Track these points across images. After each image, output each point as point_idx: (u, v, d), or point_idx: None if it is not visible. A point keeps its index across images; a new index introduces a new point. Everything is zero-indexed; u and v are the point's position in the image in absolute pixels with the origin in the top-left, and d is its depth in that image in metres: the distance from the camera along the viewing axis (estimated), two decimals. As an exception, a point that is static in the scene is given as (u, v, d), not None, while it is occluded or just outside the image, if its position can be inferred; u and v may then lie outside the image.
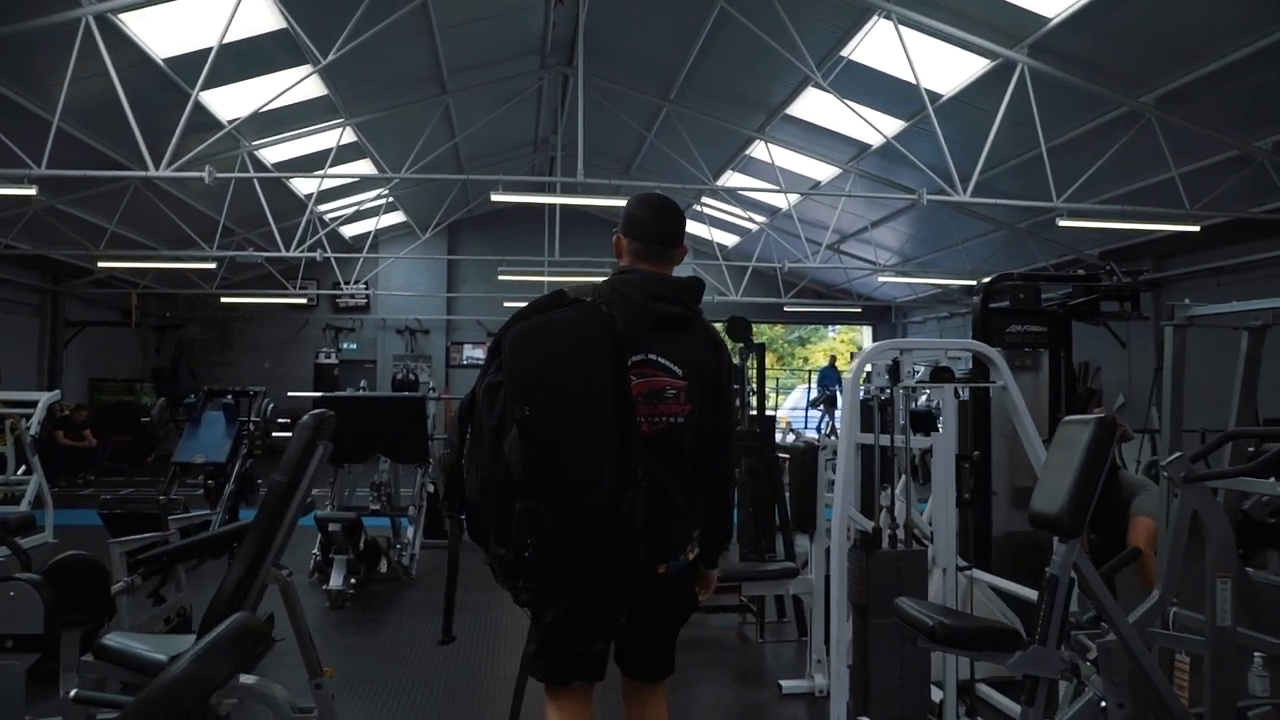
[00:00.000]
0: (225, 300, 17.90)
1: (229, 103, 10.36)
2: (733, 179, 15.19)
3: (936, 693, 3.81)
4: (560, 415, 2.13)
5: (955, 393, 3.78)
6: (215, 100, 10.35)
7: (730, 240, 19.67)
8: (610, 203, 12.46)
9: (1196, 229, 9.95)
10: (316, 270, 18.09)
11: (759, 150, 13.49)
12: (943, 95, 9.81)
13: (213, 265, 15.29)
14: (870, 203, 14.67)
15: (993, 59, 8.96)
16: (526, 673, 2.32)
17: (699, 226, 18.59)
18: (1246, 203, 9.90)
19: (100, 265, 14.18)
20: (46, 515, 8.61)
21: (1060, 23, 8.07)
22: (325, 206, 16.00)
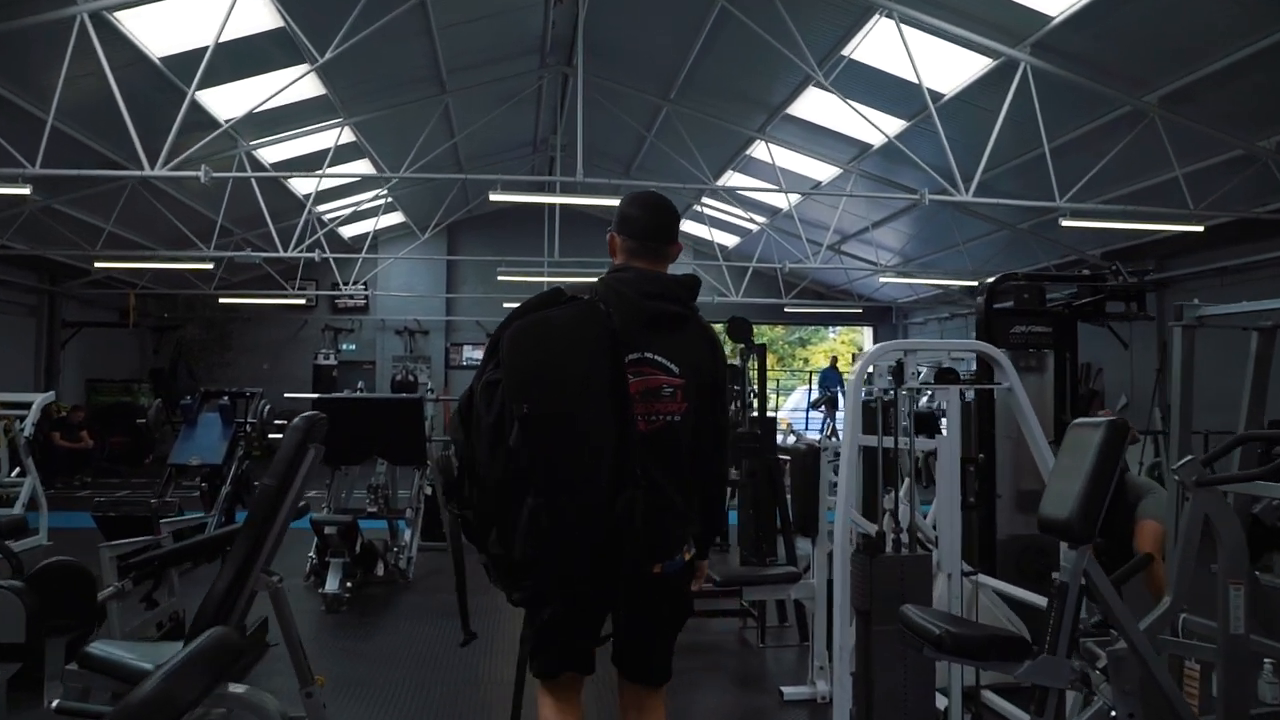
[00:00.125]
0: (223, 301, 17.83)
1: (226, 102, 10.30)
2: (733, 179, 15.12)
3: (941, 700, 3.75)
4: (557, 413, 2.12)
5: (960, 395, 3.71)
6: (212, 99, 10.28)
7: (730, 241, 19.60)
8: (610, 203, 12.37)
9: (1200, 229, 9.88)
10: (315, 271, 18.02)
11: (759, 150, 13.43)
12: (944, 95, 9.74)
13: (210, 266, 15.23)
14: (871, 203, 14.61)
15: (995, 58, 8.89)
16: (523, 674, 2.32)
17: (699, 227, 18.52)
18: (1250, 203, 9.84)
19: (97, 265, 14.11)
20: (41, 518, 8.54)
21: (1063, 21, 8.00)
22: (324, 207, 15.94)
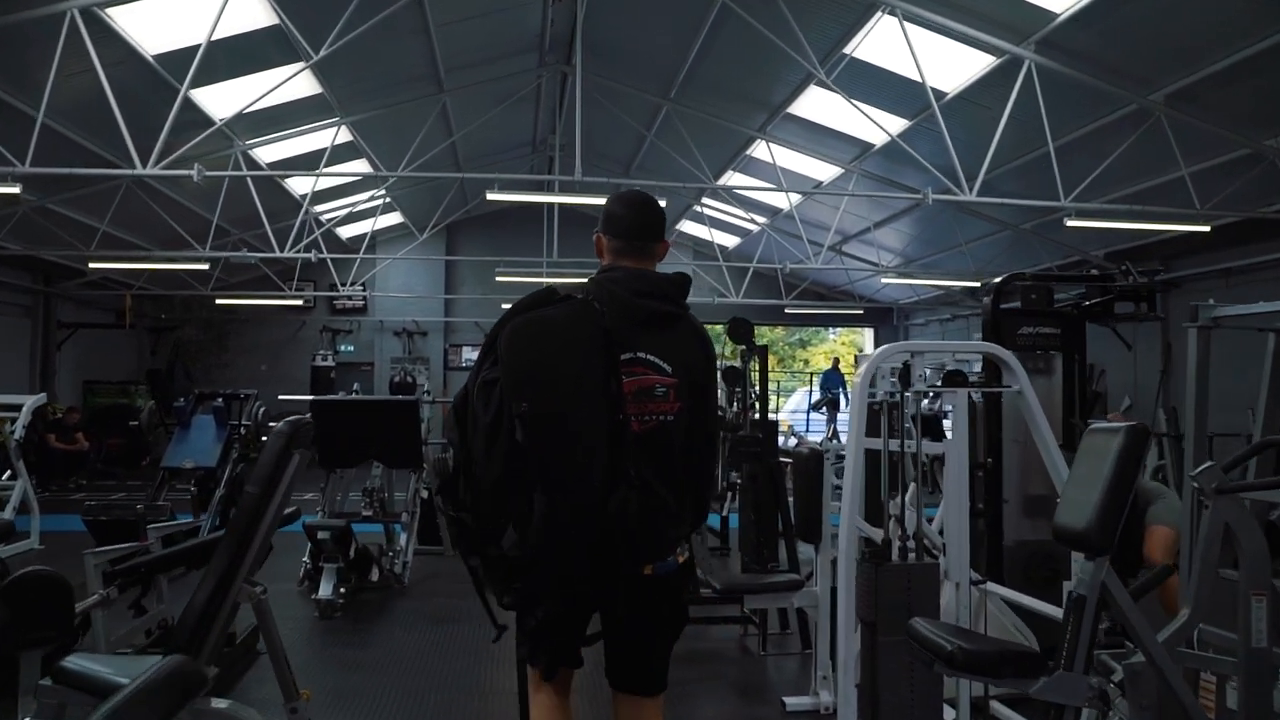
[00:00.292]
0: (221, 302, 17.73)
1: (222, 101, 10.19)
2: (733, 179, 15.02)
3: (949, 712, 3.64)
4: (552, 412, 2.12)
5: (969, 397, 3.61)
6: (208, 98, 10.17)
7: (731, 241, 19.50)
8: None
9: (1207, 229, 9.78)
10: (313, 272, 17.90)
11: (760, 150, 13.32)
12: (947, 93, 9.63)
13: (206, 266, 15.12)
14: (873, 203, 14.51)
15: (999, 55, 8.78)
16: (525, 683, 2.28)
17: (699, 227, 18.43)
18: (1257, 202, 9.73)
19: (92, 266, 14.00)
20: (32, 521, 8.44)
21: (1068, 18, 7.89)
22: (321, 207, 15.83)
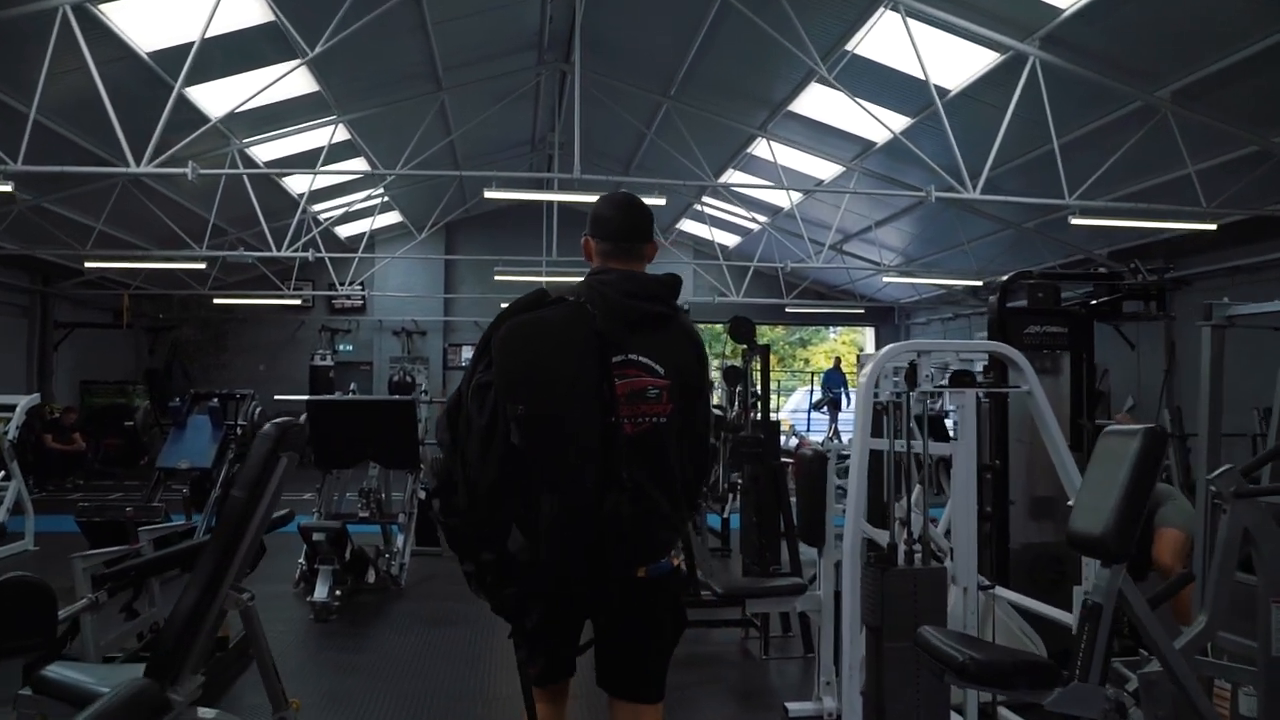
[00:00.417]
0: (218, 301, 17.64)
1: (218, 99, 10.09)
2: (734, 178, 14.93)
3: (956, 718, 3.56)
4: (546, 414, 2.11)
5: (977, 398, 3.52)
6: (204, 96, 10.08)
7: (731, 240, 19.41)
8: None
9: (1213, 227, 9.67)
10: (312, 271, 17.80)
11: (761, 148, 13.23)
12: (950, 90, 9.54)
13: (203, 266, 15.02)
14: (874, 202, 14.42)
15: (1003, 52, 8.69)
16: (529, 683, 2.27)
17: (700, 226, 18.34)
18: (1264, 200, 9.63)
19: (88, 265, 13.91)
20: (27, 522, 8.36)
21: (1073, 14, 7.78)
22: (319, 206, 15.74)
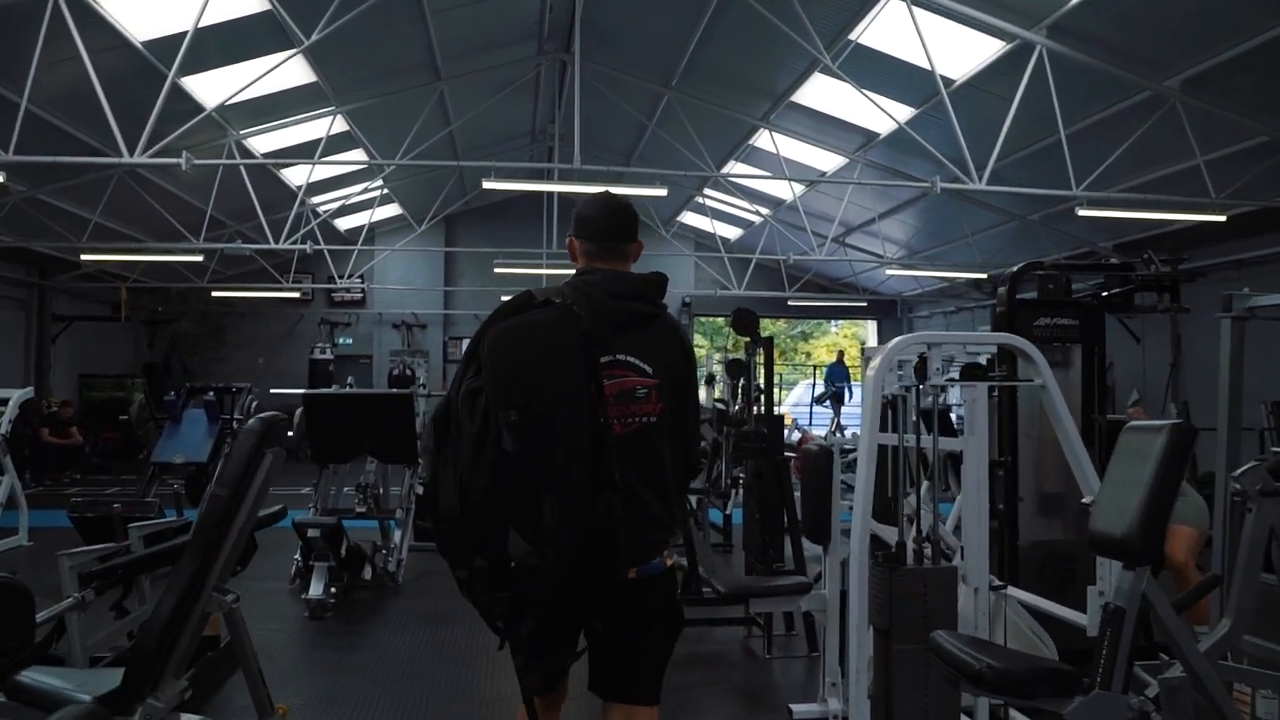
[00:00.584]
0: (216, 294, 17.56)
1: (215, 89, 9.96)
2: (736, 170, 14.79)
3: (966, 723, 3.46)
4: (538, 418, 2.10)
5: (989, 392, 3.41)
6: (201, 86, 9.96)
7: (733, 233, 19.28)
8: (611, 190, 12.02)
9: (1222, 218, 9.54)
10: (311, 264, 17.69)
11: (763, 140, 13.10)
12: (955, 80, 9.41)
13: (200, 258, 14.90)
14: (877, 194, 14.29)
15: (1009, 41, 8.56)
16: (529, 691, 2.27)
17: (701, 219, 18.21)
18: (1274, 191, 9.49)
19: (84, 258, 13.80)
20: (21, 517, 8.27)
21: (1081, 2, 7.63)
22: (318, 199, 15.62)
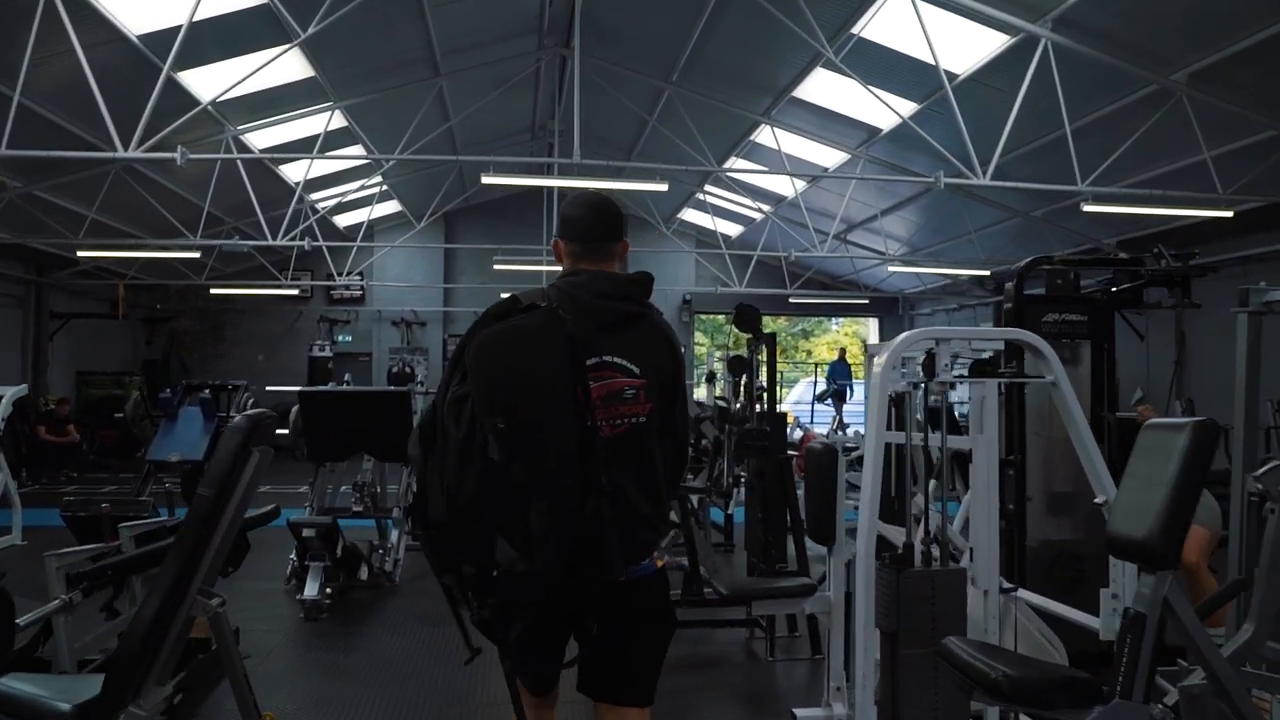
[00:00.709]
0: (215, 291, 17.48)
1: (213, 84, 9.86)
2: (738, 166, 14.70)
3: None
4: (525, 422, 2.09)
5: (999, 389, 3.33)
6: (198, 81, 9.87)
7: (734, 230, 19.20)
8: (610, 185, 11.93)
9: (1229, 214, 9.45)
10: (310, 261, 17.61)
11: (765, 135, 13.01)
12: (958, 75, 9.32)
13: (198, 255, 14.81)
14: (879, 191, 14.19)
15: (1013, 34, 8.47)
16: (517, 690, 2.29)
17: (702, 216, 18.12)
18: (1282, 186, 9.42)
19: (81, 254, 13.72)
20: (14, 516, 8.19)
21: (1087, -6, 7.59)
22: (317, 195, 15.54)
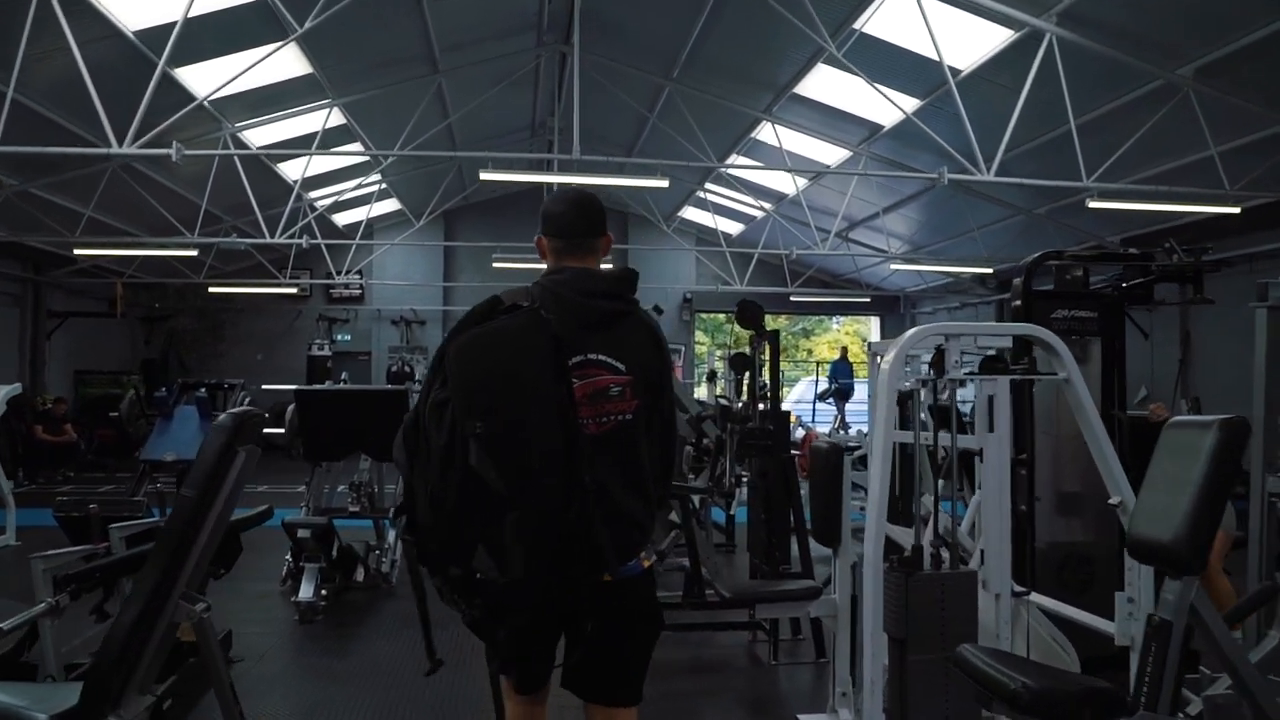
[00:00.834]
0: (214, 290, 17.40)
1: (210, 81, 9.76)
2: (739, 163, 14.60)
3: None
4: (508, 426, 2.08)
5: (1011, 387, 3.23)
6: (196, 78, 9.77)
7: (735, 228, 19.10)
8: (611, 182, 11.83)
9: (1237, 210, 9.35)
10: (309, 260, 17.53)
11: (766, 133, 12.91)
12: (962, 70, 9.22)
13: (195, 253, 14.71)
14: (881, 189, 14.10)
15: (1018, 29, 8.37)
16: (499, 692, 2.32)
17: (703, 214, 18.03)
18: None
19: (78, 252, 13.63)
20: (8, 516, 8.07)
21: (1092, -13, 7.50)
22: (315, 193, 15.45)
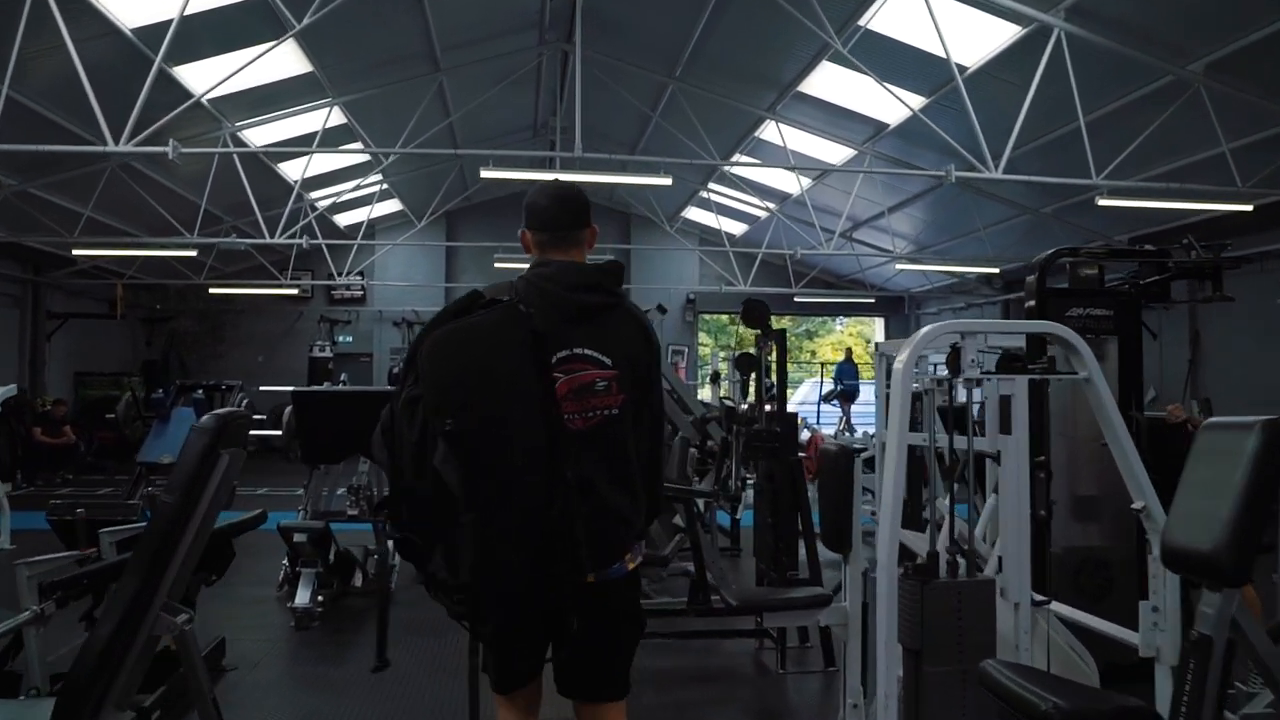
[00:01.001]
0: (214, 291, 17.32)
1: (208, 78, 9.65)
2: (742, 162, 14.48)
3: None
4: (484, 422, 2.04)
5: (1030, 386, 3.11)
6: (194, 76, 9.68)
7: (738, 229, 18.98)
8: (614, 180, 11.70)
9: (1249, 208, 9.22)
10: (311, 261, 17.43)
11: (769, 131, 12.79)
12: (968, 67, 9.10)
13: (195, 253, 14.62)
14: (886, 188, 13.98)
15: (1026, 25, 8.25)
16: (476, 685, 2.31)
17: (706, 214, 17.92)
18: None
19: (78, 253, 13.54)
20: (3, 519, 7.98)
21: (1102, -18, 7.38)
22: (317, 194, 15.35)
